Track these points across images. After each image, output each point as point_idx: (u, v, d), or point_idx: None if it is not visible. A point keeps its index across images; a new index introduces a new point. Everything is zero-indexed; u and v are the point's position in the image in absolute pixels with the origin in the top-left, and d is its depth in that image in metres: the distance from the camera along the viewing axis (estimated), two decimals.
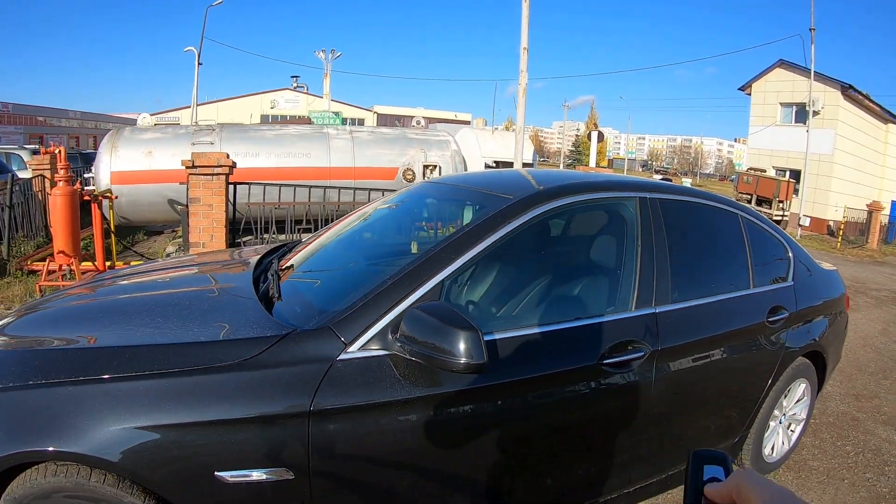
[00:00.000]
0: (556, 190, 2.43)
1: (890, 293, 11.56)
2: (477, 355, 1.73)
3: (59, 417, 1.69)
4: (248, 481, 1.73)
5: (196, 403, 1.72)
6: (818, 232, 23.86)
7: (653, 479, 2.68)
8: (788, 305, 3.23)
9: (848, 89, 24.50)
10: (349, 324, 1.89)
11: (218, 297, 2.46)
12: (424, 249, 2.22)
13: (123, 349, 1.87)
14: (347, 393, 1.80)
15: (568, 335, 2.24)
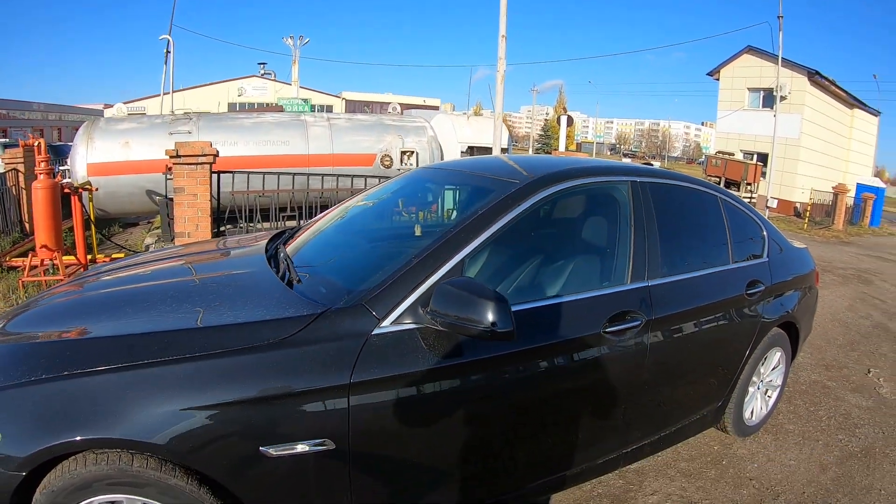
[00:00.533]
0: (558, 175, 2.61)
1: (855, 271, 12.02)
2: (506, 323, 1.89)
3: (101, 405, 1.72)
4: (292, 454, 1.83)
5: (240, 382, 1.81)
6: (785, 213, 24.47)
7: (646, 440, 2.92)
8: (764, 279, 3.48)
9: (814, 75, 25.06)
10: (381, 300, 2.02)
11: (238, 282, 2.53)
12: (434, 231, 2.37)
13: (160, 335, 1.93)
14: (383, 365, 1.94)
15: (574, 306, 2.44)
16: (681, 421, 3.12)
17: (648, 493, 3.14)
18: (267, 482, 1.85)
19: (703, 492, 3.20)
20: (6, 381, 1.78)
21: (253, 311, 2.06)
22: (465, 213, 2.36)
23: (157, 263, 3.06)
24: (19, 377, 1.77)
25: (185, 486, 1.78)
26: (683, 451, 3.60)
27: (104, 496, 1.77)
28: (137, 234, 11.94)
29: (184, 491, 1.79)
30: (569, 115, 24.54)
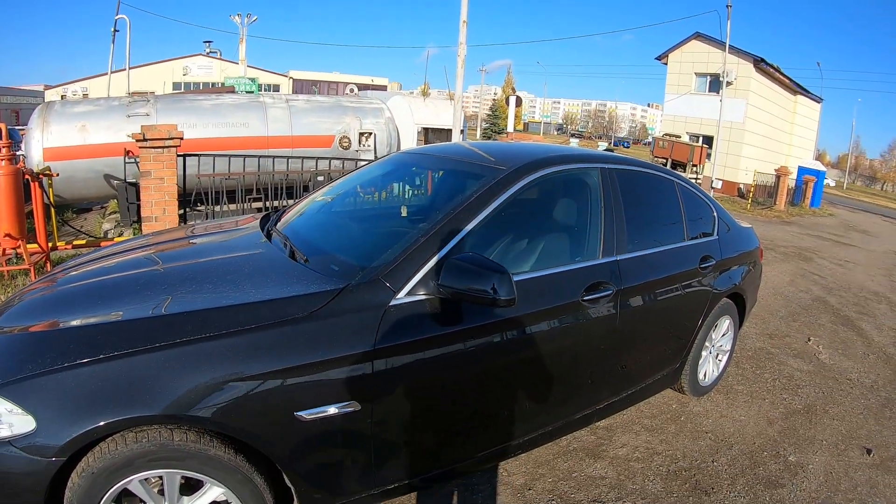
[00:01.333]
0: (541, 162, 2.92)
1: (796, 249, 12.75)
2: (509, 292, 2.17)
3: (143, 384, 1.79)
4: (323, 417, 2.03)
5: (276, 353, 1.96)
6: (729, 194, 25.40)
7: (616, 397, 3.28)
8: (715, 255, 3.87)
9: (760, 62, 25.92)
10: (396, 275, 2.27)
11: (253, 262, 2.64)
12: (424, 213, 2.61)
13: (194, 314, 2.03)
14: (402, 332, 2.19)
15: (557, 278, 2.78)
16: (645, 380, 3.49)
17: (618, 446, 3.51)
18: (300, 445, 2.05)
19: (665, 444, 3.59)
20: (36, 368, 1.80)
21: (278, 288, 2.23)
22: (463, 196, 2.62)
23: (162, 246, 3.10)
24: (50, 363, 1.81)
25: (223, 454, 1.92)
26: (646, 410, 3.99)
27: (145, 472, 1.87)
28: (92, 219, 11.72)
29: (222, 460, 1.92)
30: (518, 96, 24.72)
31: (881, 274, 11.13)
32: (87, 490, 1.82)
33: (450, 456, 2.56)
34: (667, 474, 3.28)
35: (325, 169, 9.32)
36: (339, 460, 2.19)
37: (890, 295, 9.12)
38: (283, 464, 2.05)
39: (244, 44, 31.44)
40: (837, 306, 7.81)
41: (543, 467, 3.20)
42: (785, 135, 30.43)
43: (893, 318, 7.65)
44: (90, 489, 1.82)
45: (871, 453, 3.81)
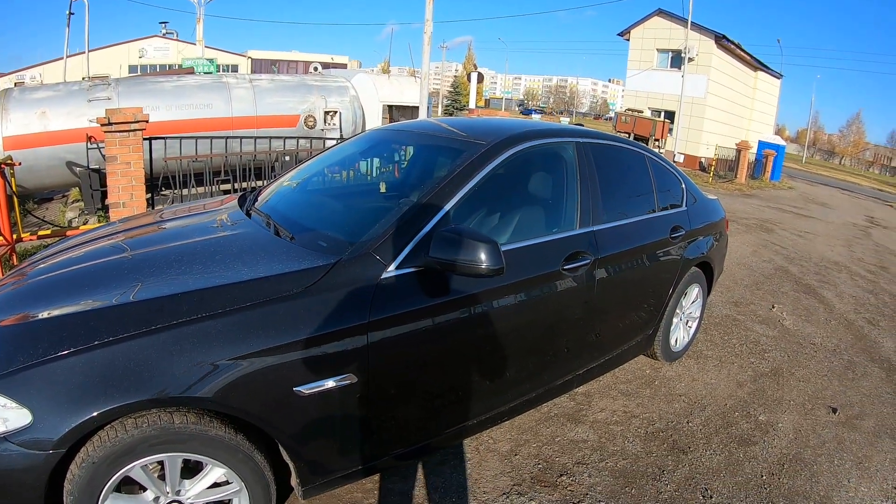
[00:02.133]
0: (518, 137, 2.98)
1: (757, 221, 13.10)
2: (497, 261, 2.24)
3: (140, 369, 1.77)
4: (321, 390, 2.06)
5: (273, 329, 1.97)
6: (691, 168, 25.78)
7: (594, 363, 3.39)
8: (684, 225, 4.00)
9: (721, 39, 26.33)
10: (386, 248, 2.31)
11: (240, 241, 2.62)
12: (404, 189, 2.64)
13: (187, 294, 2.02)
14: (394, 303, 2.25)
15: (539, 248, 2.87)
16: (620, 347, 3.62)
17: (597, 410, 3.64)
18: (300, 420, 2.08)
19: (642, 407, 3.74)
20: (28, 359, 1.75)
21: (270, 265, 2.23)
22: (446, 171, 2.68)
23: (139, 231, 3.06)
24: (42, 354, 1.76)
25: (224, 434, 1.93)
26: (621, 376, 4.13)
27: (146, 458, 1.85)
28: (55, 208, 11.49)
29: (223, 440, 1.93)
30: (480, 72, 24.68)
31: (840, 244, 11.52)
32: (88, 480, 1.79)
33: (442, 424, 2.64)
34: (645, 435, 3.42)
35: (292, 149, 9.26)
36: (337, 434, 2.24)
37: (849, 264, 9.46)
38: (282, 440, 2.07)
39: (201, 24, 30.68)
40: (799, 275, 8.09)
41: (527, 433, 3.31)
42: (745, 110, 31.05)
43: (853, 286, 7.96)
44: (91, 479, 1.79)
45: (837, 412, 4.01)
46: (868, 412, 4.10)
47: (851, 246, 11.55)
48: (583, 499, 2.83)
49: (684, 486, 3.00)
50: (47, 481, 1.74)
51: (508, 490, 2.83)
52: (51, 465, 1.72)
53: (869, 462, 3.45)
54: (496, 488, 2.84)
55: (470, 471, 2.95)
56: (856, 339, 5.67)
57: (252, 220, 2.89)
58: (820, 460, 3.40)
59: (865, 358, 5.18)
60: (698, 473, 3.12)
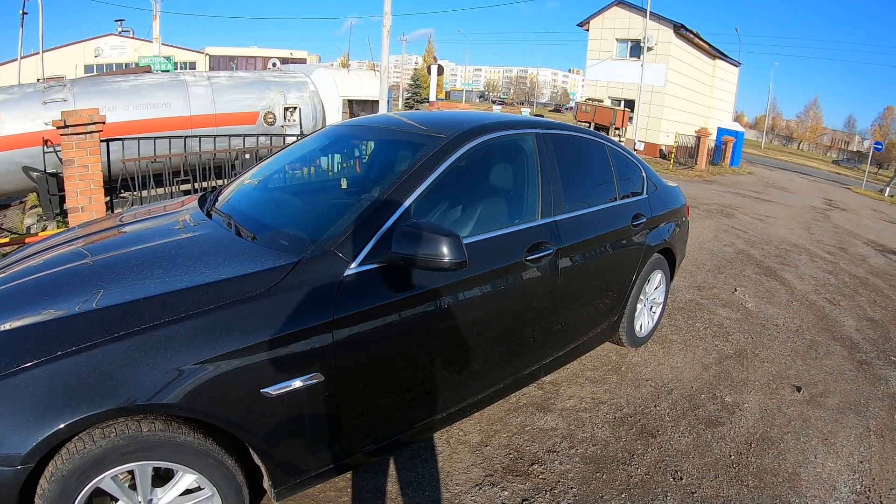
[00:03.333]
0: (478, 129, 2.99)
1: (718, 206, 13.34)
2: (460, 254, 2.24)
3: (105, 377, 1.74)
4: (289, 391, 2.05)
5: (237, 332, 1.95)
6: (651, 155, 26.17)
7: (560, 352, 3.43)
8: (645, 213, 4.06)
9: (680, 28, 26.65)
10: (348, 245, 2.30)
11: (201, 243, 2.56)
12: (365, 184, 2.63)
13: (150, 299, 1.98)
14: (358, 300, 2.24)
15: (501, 240, 2.88)
16: (586, 334, 3.66)
17: (565, 398, 3.68)
18: (269, 421, 2.06)
19: (609, 393, 3.79)
20: None
21: (232, 267, 2.20)
22: (406, 165, 2.67)
23: (99, 236, 2.97)
24: (5, 367, 1.71)
25: (193, 440, 1.91)
26: (588, 363, 4.18)
27: (116, 468, 1.82)
28: (12, 215, 11.16)
29: (192, 446, 1.91)
30: (439, 65, 24.58)
31: (800, 227, 11.82)
32: (58, 494, 1.75)
33: (412, 419, 2.64)
34: (614, 421, 3.47)
35: (252, 146, 9.16)
36: (307, 434, 2.22)
37: (809, 246, 9.71)
38: (252, 442, 2.06)
39: (158, 21, 30.09)
40: (760, 258, 8.27)
41: (497, 424, 3.33)
42: (705, 97, 31.54)
43: (813, 267, 8.18)
44: (62, 493, 1.75)
45: (801, 391, 4.12)
46: (832, 390, 4.22)
47: (811, 228, 11.86)
48: (555, 486, 2.86)
49: (654, 469, 3.06)
50: (17, 498, 1.70)
51: (481, 481, 2.85)
52: (20, 480, 1.67)
53: (834, 438, 3.56)
54: (469, 480, 2.86)
55: (442, 464, 2.96)
56: (817, 318, 5.83)
57: (213, 221, 2.84)
58: (786, 438, 3.49)
59: (827, 337, 5.33)
60: (668, 456, 3.18)
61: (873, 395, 4.22)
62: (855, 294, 7.02)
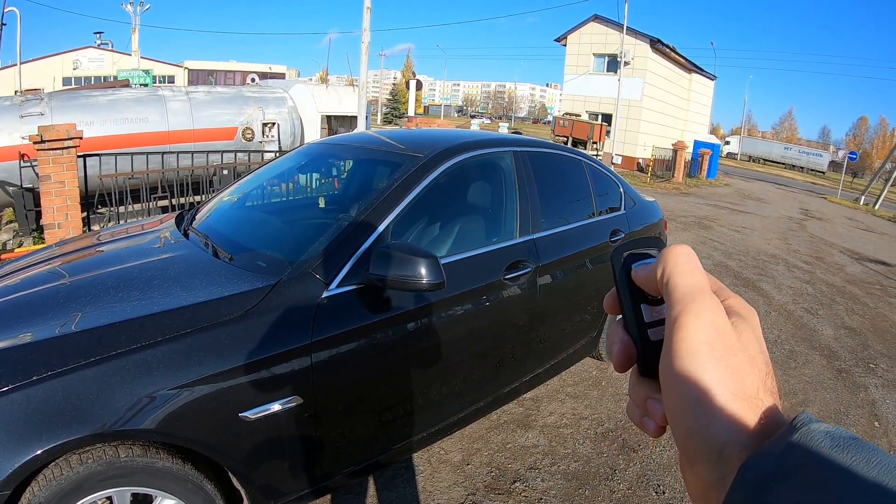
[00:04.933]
0: (456, 148, 3.01)
1: (695, 218, 13.49)
2: (438, 276, 2.24)
3: (81, 403, 1.70)
4: (267, 414, 2.02)
5: (215, 356, 1.93)
6: (629, 169, 26.36)
7: (540, 368, 3.43)
8: (623, 228, 4.10)
9: (656, 43, 26.98)
10: (326, 267, 2.30)
11: (178, 264, 2.56)
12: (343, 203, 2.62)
13: (125, 324, 1.94)
14: (336, 323, 2.23)
15: (480, 259, 2.88)
16: (566, 350, 3.67)
17: (546, 414, 3.69)
18: (248, 445, 2.04)
19: (590, 409, 3.81)
20: None
21: (208, 289, 2.18)
22: (384, 185, 2.68)
23: (74, 256, 2.96)
24: None
25: (171, 465, 1.89)
26: (568, 379, 4.20)
27: (94, 494, 1.78)
28: None
29: (171, 471, 1.89)
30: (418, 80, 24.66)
31: (776, 238, 11.99)
32: None
33: (392, 439, 2.63)
34: (595, 436, 3.49)
35: (230, 162, 9.12)
36: (287, 457, 2.21)
37: (786, 257, 9.85)
38: (232, 467, 2.04)
39: (137, 34, 29.95)
40: (738, 269, 8.38)
41: (478, 442, 3.33)
42: (681, 111, 31.94)
43: (791, 277, 8.29)
44: None
45: (781, 401, 4.16)
46: (812, 398, 4.27)
47: (787, 239, 12.03)
48: (537, 503, 2.87)
49: (637, 483, 3.08)
50: None
51: (463, 500, 2.85)
52: None
53: None
54: (451, 499, 2.85)
55: (423, 483, 2.95)
56: (796, 328, 5.91)
57: (190, 241, 2.83)
58: None
59: (806, 346, 5.40)
60: (650, 470, 3.20)
61: (853, 403, 4.28)
62: (832, 303, 7.13)
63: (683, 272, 0.43)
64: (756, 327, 0.43)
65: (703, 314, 0.41)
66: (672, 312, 0.42)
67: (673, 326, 0.41)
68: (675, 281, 0.43)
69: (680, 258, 0.44)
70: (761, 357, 0.42)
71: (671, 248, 0.45)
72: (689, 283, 0.42)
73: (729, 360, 0.40)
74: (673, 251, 0.45)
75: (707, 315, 0.41)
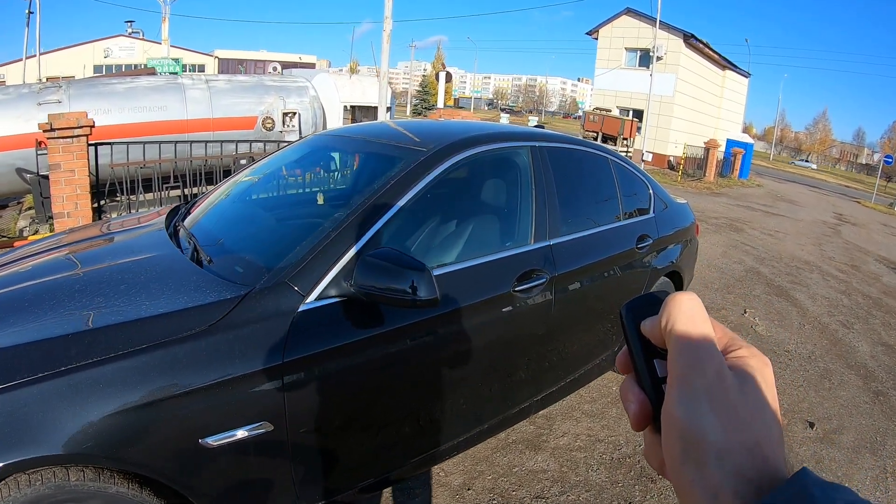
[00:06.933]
0: (465, 142, 2.69)
1: (726, 220, 13.03)
2: (430, 291, 1.95)
3: (24, 422, 1.57)
4: (231, 441, 1.79)
5: (171, 375, 1.72)
6: (659, 166, 25.89)
7: (555, 387, 3.11)
8: (651, 234, 3.75)
9: (690, 38, 26.42)
10: (304, 276, 2.01)
11: (149, 267, 2.35)
12: (342, 201, 2.36)
13: (78, 336, 1.77)
14: (313, 340, 1.95)
15: (486, 268, 2.55)
16: (584, 366, 3.34)
17: (559, 435, 3.38)
18: (210, 474, 1.81)
19: (608, 430, 3.49)
20: None
21: (173, 298, 1.96)
22: (379, 183, 2.38)
23: (52, 253, 2.74)
24: None
25: (127, 491, 1.72)
26: (586, 395, 3.88)
27: None
28: (8, 216, 11.02)
29: (125, 497, 1.72)
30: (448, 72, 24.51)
31: (810, 243, 11.49)
32: None
33: (377, 466, 2.35)
34: (610, 463, 3.18)
35: (247, 152, 8.95)
36: (256, 487, 1.96)
37: (820, 264, 9.40)
38: (193, 496, 1.81)
39: (167, 23, 30.12)
40: (771, 277, 7.96)
41: (482, 464, 3.04)
42: (714, 108, 31.28)
43: (825, 286, 7.86)
44: None
45: (814, 427, 3.81)
46: (847, 425, 3.92)
47: (822, 244, 11.54)
48: None
49: None
50: None
51: None
52: None
53: (849, 482, 3.26)
54: None
55: None
56: (831, 343, 5.53)
57: (176, 239, 2.61)
58: None
59: (841, 364, 5.03)
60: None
61: (890, 431, 3.93)
62: (869, 316, 6.72)
63: (686, 319, 0.43)
64: (767, 378, 0.43)
65: (703, 362, 0.41)
66: (672, 359, 0.43)
67: (673, 373, 0.42)
68: (677, 328, 0.43)
69: (682, 305, 0.44)
70: (768, 408, 0.42)
71: (674, 296, 0.45)
72: (691, 331, 0.43)
73: (728, 408, 0.40)
74: (676, 298, 0.45)
75: (707, 363, 0.41)
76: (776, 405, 0.42)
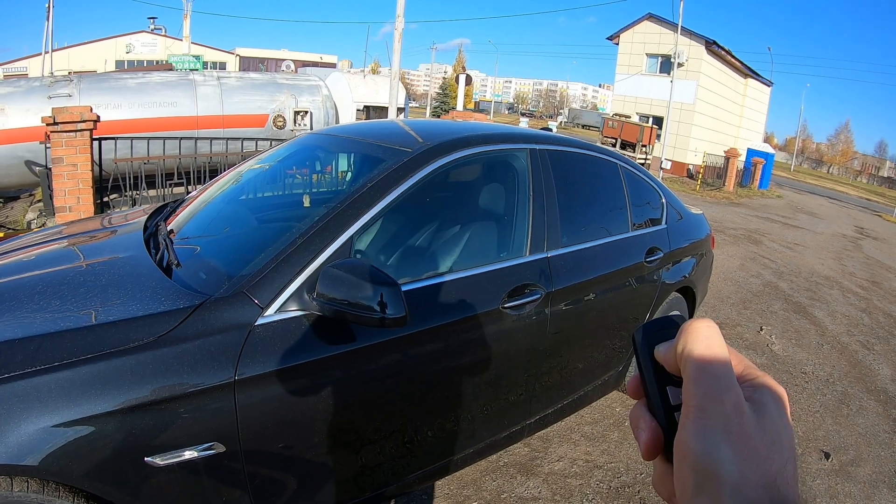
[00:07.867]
0: (454, 143, 2.48)
1: (745, 232, 12.70)
2: (397, 309, 1.76)
3: None
4: (180, 461, 1.68)
5: (115, 389, 1.61)
6: (678, 175, 25.51)
7: (550, 409, 2.89)
8: (663, 246, 3.52)
9: (711, 45, 26.05)
10: (263, 287, 1.85)
11: (113, 270, 2.23)
12: (327, 204, 2.18)
13: (26, 341, 1.67)
14: (270, 357, 1.78)
15: (471, 282, 2.33)
16: (584, 387, 3.11)
17: (554, 459, 3.16)
18: (157, 494, 1.68)
19: (607, 455, 3.26)
20: None
21: (127, 305, 1.83)
22: (354, 186, 2.19)
23: (22, 252, 2.62)
24: None
25: None
26: (587, 415, 3.65)
27: None
28: (19, 208, 11.02)
29: None
30: (468, 75, 24.42)
31: (831, 257, 11.15)
32: None
33: (343, 493, 2.14)
34: (608, 492, 2.95)
35: (252, 151, 8.88)
36: None
37: (841, 280, 9.08)
38: None
39: (188, 20, 30.37)
40: (789, 292, 7.68)
41: (469, 488, 2.83)
42: (734, 117, 30.83)
43: (846, 304, 7.56)
44: None
45: (830, 458, 3.56)
46: (864, 457, 3.66)
47: (842, 259, 11.19)
48: None
49: None
50: None
51: None
52: None
53: None
54: None
55: None
56: (850, 365, 5.25)
57: (151, 240, 2.47)
58: None
59: (860, 389, 4.76)
60: None
61: None
62: (890, 336, 6.42)
63: (703, 347, 0.42)
64: (783, 409, 0.43)
65: (720, 393, 0.41)
66: (688, 388, 0.42)
67: (688, 402, 0.42)
68: (694, 356, 0.42)
69: (700, 332, 0.43)
70: (784, 442, 0.41)
71: (691, 322, 0.44)
72: (709, 359, 0.42)
73: (744, 441, 0.40)
74: (693, 325, 0.44)
75: (725, 394, 0.41)
76: (792, 439, 0.42)
